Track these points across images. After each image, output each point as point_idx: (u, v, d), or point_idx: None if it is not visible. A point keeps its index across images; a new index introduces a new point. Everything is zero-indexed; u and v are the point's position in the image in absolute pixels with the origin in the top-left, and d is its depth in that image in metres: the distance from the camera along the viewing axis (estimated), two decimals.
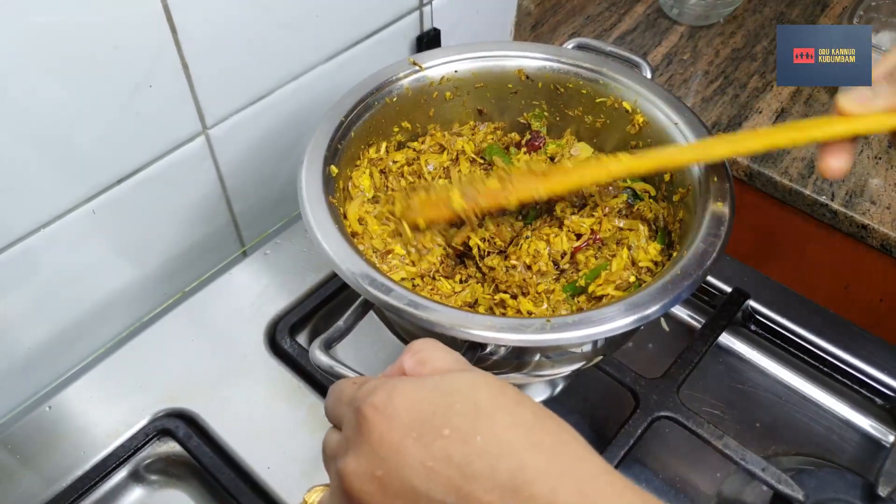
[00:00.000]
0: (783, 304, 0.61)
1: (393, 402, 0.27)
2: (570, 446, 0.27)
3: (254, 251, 0.67)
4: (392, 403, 0.27)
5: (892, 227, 0.70)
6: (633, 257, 0.48)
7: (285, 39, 0.59)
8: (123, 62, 0.49)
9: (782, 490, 0.47)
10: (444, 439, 0.26)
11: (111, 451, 0.52)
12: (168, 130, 0.56)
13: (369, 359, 0.59)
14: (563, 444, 0.27)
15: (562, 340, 0.39)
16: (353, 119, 0.51)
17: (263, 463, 0.52)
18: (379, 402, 0.27)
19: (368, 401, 0.28)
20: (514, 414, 0.27)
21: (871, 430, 0.56)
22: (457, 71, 0.55)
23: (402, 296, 0.40)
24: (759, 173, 0.76)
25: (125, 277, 0.60)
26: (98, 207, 0.54)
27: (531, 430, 0.27)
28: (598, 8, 0.96)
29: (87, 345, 0.60)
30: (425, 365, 0.30)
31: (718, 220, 0.44)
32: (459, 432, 0.26)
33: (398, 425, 0.27)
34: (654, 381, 0.53)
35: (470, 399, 0.27)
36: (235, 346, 0.59)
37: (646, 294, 0.40)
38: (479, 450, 0.26)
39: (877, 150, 0.77)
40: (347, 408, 0.29)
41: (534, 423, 0.27)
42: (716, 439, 0.50)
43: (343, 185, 0.50)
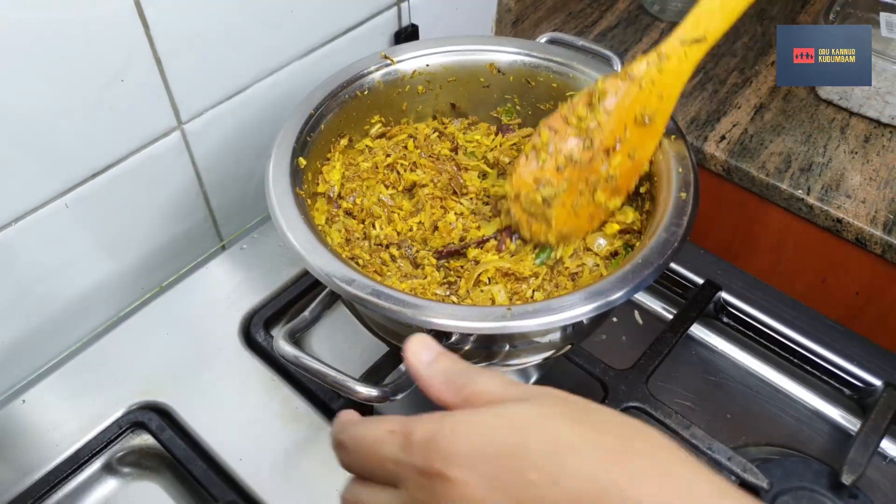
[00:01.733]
0: (755, 296, 0.61)
1: (461, 448, 0.24)
2: (670, 466, 0.24)
3: (232, 245, 0.67)
4: (461, 451, 0.24)
5: (867, 221, 0.70)
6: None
7: (261, 35, 0.60)
8: (95, 58, 0.50)
9: (747, 479, 0.48)
10: (533, 486, 0.23)
11: (84, 443, 0.52)
12: (142, 125, 0.56)
13: (344, 352, 0.60)
14: (660, 465, 0.24)
15: (523, 328, 0.39)
16: (324, 112, 0.51)
17: (235, 454, 0.52)
18: (447, 452, 0.24)
19: (433, 453, 0.24)
20: (597, 443, 0.24)
21: (841, 419, 0.57)
22: (428, 65, 0.56)
23: (364, 285, 0.41)
24: (737, 168, 0.76)
25: (102, 272, 0.60)
26: (73, 201, 0.54)
27: (622, 456, 0.24)
28: (580, 4, 0.97)
29: (64, 339, 0.61)
30: (475, 398, 0.26)
31: (681, 210, 0.44)
32: (546, 474, 0.23)
33: (479, 478, 0.23)
34: (624, 371, 0.53)
35: (545, 433, 0.24)
36: (210, 339, 0.59)
37: (606, 283, 0.41)
38: (575, 492, 0.23)
39: (853, 145, 0.77)
40: (405, 467, 0.25)
41: (622, 447, 0.24)
42: (683, 429, 0.50)
43: (313, 178, 0.51)
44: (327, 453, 0.52)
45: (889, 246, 0.69)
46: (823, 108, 0.82)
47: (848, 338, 0.58)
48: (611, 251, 0.49)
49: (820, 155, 0.77)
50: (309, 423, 0.54)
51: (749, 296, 0.61)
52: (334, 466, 0.51)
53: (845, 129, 0.79)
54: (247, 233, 0.68)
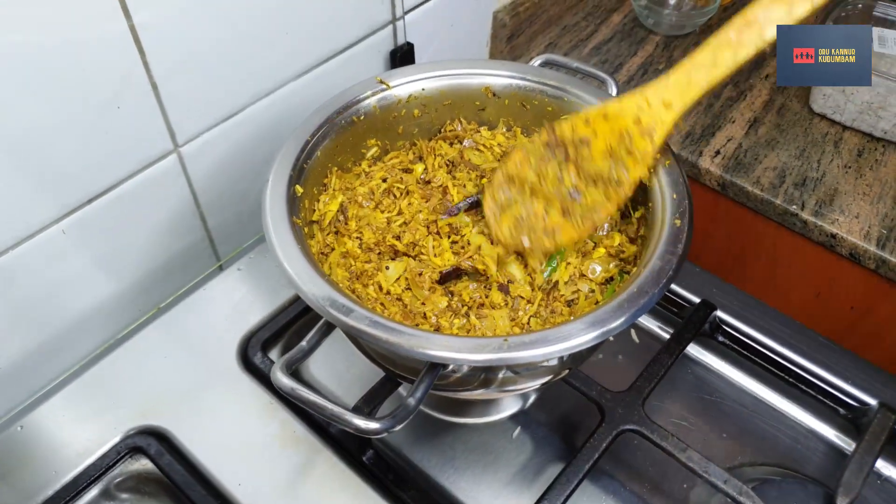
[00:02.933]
0: (750, 316, 0.62)
1: None
2: None
3: (229, 266, 0.67)
4: None
5: (861, 237, 0.71)
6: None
7: (256, 57, 0.60)
8: (91, 82, 0.50)
9: (743, 502, 0.48)
10: None
11: (82, 469, 0.52)
12: (139, 149, 0.56)
13: (341, 374, 0.60)
14: None
15: (519, 359, 0.39)
16: (320, 139, 0.52)
17: (234, 479, 0.52)
18: None
19: None
20: None
21: (836, 439, 0.57)
22: (424, 89, 0.56)
23: (363, 317, 0.41)
24: (732, 183, 0.77)
25: (100, 294, 0.60)
26: (70, 225, 0.54)
27: None
28: (575, 18, 0.97)
29: (62, 362, 0.61)
30: None
31: (676, 237, 0.45)
32: None
33: None
34: (620, 394, 0.54)
35: None
36: (208, 362, 0.59)
37: (602, 312, 0.41)
38: None
39: (846, 160, 0.78)
40: None
41: None
42: (679, 452, 0.50)
43: (309, 205, 0.51)
44: (326, 476, 0.53)
45: (882, 261, 0.70)
46: (817, 122, 0.82)
47: (842, 356, 0.59)
48: (606, 277, 0.49)
49: (814, 170, 0.77)
50: (308, 447, 0.54)
51: (744, 314, 0.62)
52: (333, 490, 0.52)
53: (839, 144, 0.80)
54: (243, 253, 0.69)
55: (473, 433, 0.57)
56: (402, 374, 0.48)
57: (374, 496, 0.51)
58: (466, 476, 0.54)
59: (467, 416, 0.58)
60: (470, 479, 0.54)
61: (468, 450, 0.56)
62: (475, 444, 0.56)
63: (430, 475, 0.54)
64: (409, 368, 0.46)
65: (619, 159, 0.47)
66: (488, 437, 0.56)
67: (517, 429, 0.57)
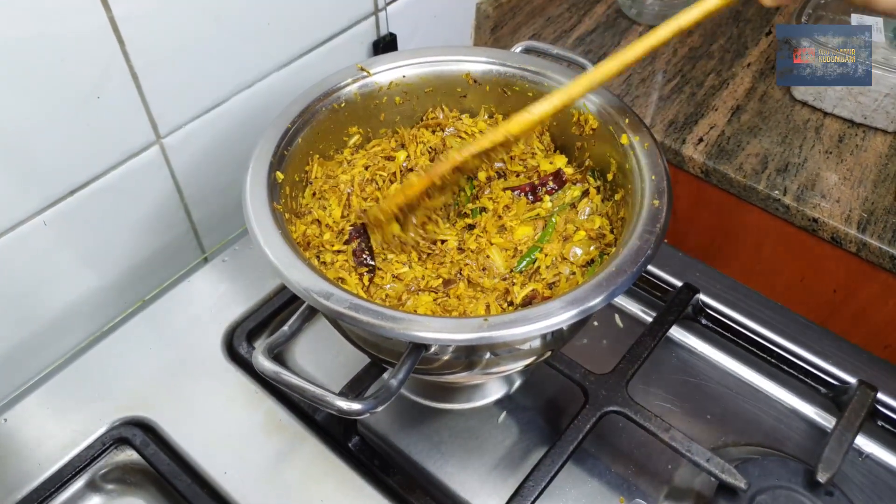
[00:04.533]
0: (733, 298, 0.62)
1: None
2: None
3: (214, 258, 0.67)
4: None
5: (842, 220, 0.71)
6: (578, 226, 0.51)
7: (238, 48, 0.60)
8: (71, 74, 0.50)
9: (726, 479, 0.48)
10: None
11: (67, 460, 0.52)
12: (121, 141, 0.56)
13: (326, 363, 0.60)
14: None
15: (500, 338, 0.40)
16: (301, 125, 0.52)
17: (220, 468, 0.52)
18: None
19: None
20: None
21: (817, 417, 0.58)
22: (405, 76, 0.56)
23: (342, 299, 0.41)
24: (715, 170, 0.77)
25: (84, 287, 0.60)
26: (52, 218, 0.54)
27: None
28: (558, 9, 0.98)
29: (46, 355, 0.60)
30: None
31: (654, 217, 0.45)
32: None
33: None
34: (603, 376, 0.54)
35: None
36: (193, 352, 0.59)
37: (581, 291, 0.41)
38: None
39: (827, 145, 0.79)
40: None
41: None
42: (662, 432, 0.51)
43: (290, 192, 0.51)
44: (312, 463, 0.53)
45: (863, 244, 0.70)
46: (799, 109, 0.83)
47: (823, 337, 0.60)
48: (587, 259, 0.49)
49: (796, 155, 0.78)
50: (293, 434, 0.54)
51: (727, 297, 0.62)
52: (318, 477, 0.52)
53: (820, 130, 0.80)
54: (228, 245, 0.69)
55: (459, 419, 0.57)
56: (385, 358, 0.48)
57: (360, 482, 0.51)
58: (452, 461, 0.55)
59: (453, 401, 0.58)
60: (456, 464, 0.54)
61: (454, 435, 0.56)
62: (461, 430, 0.56)
63: (416, 461, 0.55)
64: (392, 352, 0.46)
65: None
66: (474, 422, 0.57)
67: (503, 413, 0.57)
